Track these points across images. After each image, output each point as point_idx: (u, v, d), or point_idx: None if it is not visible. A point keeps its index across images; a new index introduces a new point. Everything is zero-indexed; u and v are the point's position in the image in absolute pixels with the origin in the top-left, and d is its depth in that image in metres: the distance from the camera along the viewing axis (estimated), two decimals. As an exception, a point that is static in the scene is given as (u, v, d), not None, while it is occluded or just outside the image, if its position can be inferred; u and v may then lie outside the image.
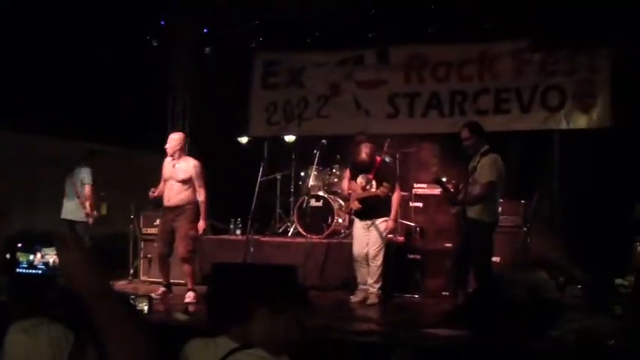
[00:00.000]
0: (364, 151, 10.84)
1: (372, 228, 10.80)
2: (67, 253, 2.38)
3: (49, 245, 2.74)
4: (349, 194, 11.20)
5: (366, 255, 10.82)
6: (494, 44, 13.87)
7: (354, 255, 10.99)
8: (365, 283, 10.86)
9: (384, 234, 10.85)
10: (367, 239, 10.83)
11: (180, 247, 11.03)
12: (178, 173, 11.04)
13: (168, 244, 11.18)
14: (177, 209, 11.05)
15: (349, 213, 11.44)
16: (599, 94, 13.26)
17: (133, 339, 2.37)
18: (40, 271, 2.83)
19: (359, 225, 10.98)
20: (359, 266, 10.88)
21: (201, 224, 11.06)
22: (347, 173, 11.54)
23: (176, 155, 11.09)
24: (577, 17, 12.49)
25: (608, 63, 13.21)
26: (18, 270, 2.95)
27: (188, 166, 11.09)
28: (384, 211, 10.87)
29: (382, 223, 10.81)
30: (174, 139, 11.18)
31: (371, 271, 10.77)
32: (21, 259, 2.88)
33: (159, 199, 11.44)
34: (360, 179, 10.98)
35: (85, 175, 12.33)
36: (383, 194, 10.58)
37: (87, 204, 12.46)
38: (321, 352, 3.46)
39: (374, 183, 10.79)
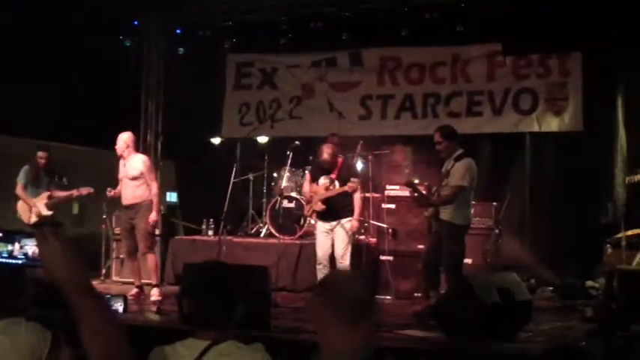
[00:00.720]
0: (326, 152, 10.81)
1: (337, 229, 10.75)
2: (47, 244, 2.36)
3: (29, 236, 2.76)
4: (311, 197, 11.16)
5: (331, 257, 10.78)
6: (466, 47, 13.93)
7: (318, 258, 10.88)
8: None
9: (350, 233, 10.85)
10: (331, 241, 10.79)
11: (141, 244, 11.06)
12: (129, 171, 11.07)
13: (133, 242, 11.20)
14: (134, 207, 11.09)
15: (311, 215, 11.39)
16: (570, 97, 13.34)
17: (110, 333, 2.37)
18: (19, 261, 2.84)
19: (322, 228, 10.93)
20: (322, 269, 10.82)
21: (153, 217, 11.01)
22: (308, 176, 11.50)
23: (125, 154, 11.12)
24: (548, 21, 12.56)
25: (580, 66, 13.30)
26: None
27: (137, 162, 11.13)
28: (348, 212, 10.83)
29: (347, 222, 10.76)
30: (121, 139, 11.19)
31: None
32: (0, 249, 2.89)
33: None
34: (323, 180, 10.94)
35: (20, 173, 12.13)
36: (352, 189, 10.53)
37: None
38: (291, 354, 3.49)
39: (337, 183, 10.79)
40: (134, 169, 11.03)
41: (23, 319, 4.32)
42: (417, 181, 10.67)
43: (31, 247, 2.76)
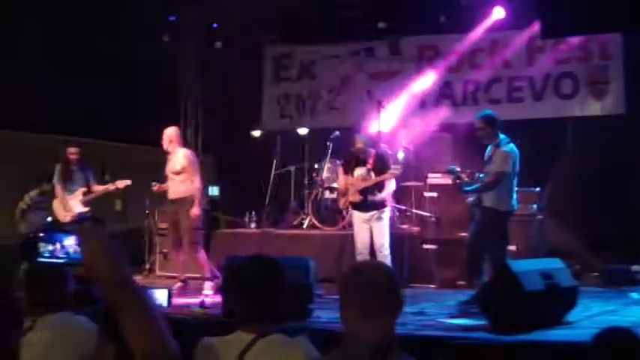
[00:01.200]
0: (360, 141, 10.87)
1: (375, 219, 10.78)
2: (88, 242, 2.39)
3: (69, 234, 2.76)
4: (346, 189, 11.13)
5: (371, 247, 10.79)
6: (505, 32, 13.83)
7: (357, 248, 10.92)
8: None
9: (388, 223, 10.89)
10: (369, 231, 10.79)
11: (184, 239, 11.08)
12: (174, 165, 11.13)
13: (177, 234, 11.24)
14: (178, 202, 11.15)
15: (346, 208, 11.37)
16: (612, 80, 13.22)
17: (153, 328, 2.37)
18: (61, 260, 2.86)
19: (360, 218, 10.93)
20: (363, 259, 10.81)
21: (195, 211, 10.99)
22: (340, 169, 11.49)
23: (170, 148, 11.15)
24: (588, 2, 12.44)
25: (621, 49, 13.17)
26: (40, 259, 2.98)
27: (180, 156, 11.16)
28: (384, 203, 10.90)
29: (385, 213, 10.82)
30: (165, 133, 11.26)
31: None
32: (42, 249, 2.90)
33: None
34: (359, 171, 10.93)
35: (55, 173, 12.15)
36: (395, 176, 10.60)
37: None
38: (335, 344, 3.47)
39: (372, 174, 10.77)
40: (177, 164, 11.08)
41: (71, 314, 4.36)
42: (458, 169, 10.60)
43: (71, 245, 2.77)
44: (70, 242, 2.73)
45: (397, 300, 3.10)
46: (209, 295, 10.47)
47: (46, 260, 2.86)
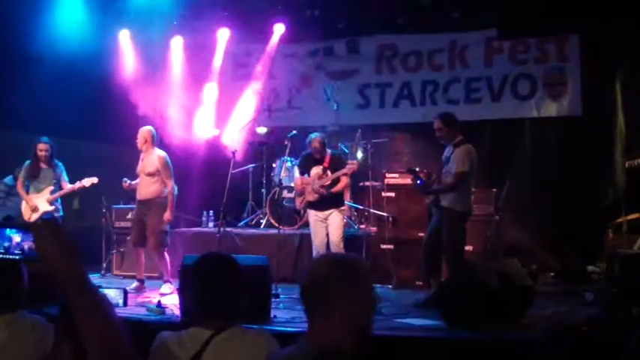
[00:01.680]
0: (317, 141, 10.92)
1: (331, 217, 10.83)
2: (42, 238, 2.34)
3: (25, 230, 2.73)
4: (302, 189, 11.17)
5: (328, 246, 10.84)
6: (463, 33, 13.90)
7: (315, 248, 11.00)
8: None
9: (344, 221, 11.00)
10: (326, 230, 10.87)
11: (150, 241, 11.00)
12: (146, 166, 11.04)
13: (140, 234, 11.16)
14: (147, 203, 11.06)
15: (303, 207, 11.41)
16: (569, 82, 13.33)
17: (108, 328, 2.34)
18: (16, 257, 2.82)
19: (316, 217, 10.99)
20: None
21: (167, 215, 10.98)
22: (296, 169, 11.54)
23: (144, 148, 11.07)
24: (545, 4, 12.53)
25: (578, 50, 13.27)
26: None
27: (154, 158, 11.07)
28: (340, 201, 11.02)
29: (341, 211, 10.92)
30: (140, 133, 11.18)
31: None
32: None
33: (130, 193, 11.45)
34: (315, 170, 10.98)
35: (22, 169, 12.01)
36: (351, 171, 10.68)
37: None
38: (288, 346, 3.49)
39: (329, 172, 10.82)
40: (150, 165, 11.01)
41: (27, 313, 4.32)
42: (417, 169, 10.64)
43: (27, 242, 2.73)
44: (27, 238, 2.70)
45: (343, 298, 2.97)
46: (166, 294, 10.44)
47: (1, 257, 2.82)
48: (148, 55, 14.61)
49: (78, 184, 11.58)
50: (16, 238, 2.82)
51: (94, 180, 11.54)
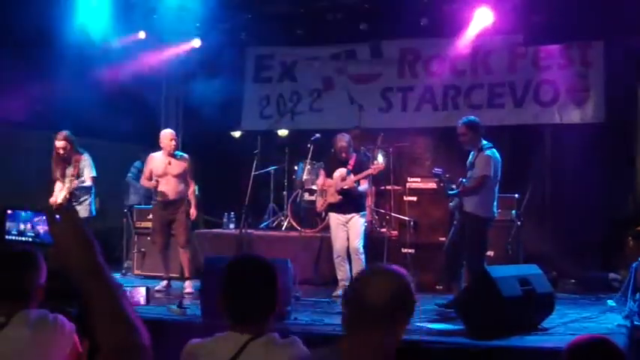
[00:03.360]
0: (343, 140, 10.98)
1: (352, 221, 10.85)
2: (57, 224, 2.30)
3: (40, 215, 2.74)
4: (324, 190, 11.19)
5: (348, 250, 10.86)
6: (487, 38, 13.83)
7: (335, 251, 11.01)
8: (346, 279, 10.80)
9: (365, 226, 11.06)
10: (347, 233, 10.88)
11: (182, 238, 11.22)
12: (174, 168, 11.13)
13: (167, 237, 11.34)
14: (175, 203, 11.19)
15: (324, 210, 11.41)
16: (592, 88, 13.26)
17: (123, 320, 2.28)
18: (29, 239, 2.83)
19: (337, 220, 11.00)
20: (341, 262, 10.86)
21: (194, 212, 11.27)
22: (321, 171, 11.56)
23: (171, 151, 11.13)
24: (569, 11, 12.48)
25: (601, 57, 13.21)
26: (7, 237, 2.92)
27: (182, 160, 11.24)
28: (362, 206, 11.08)
29: (362, 216, 10.97)
30: (169, 135, 11.27)
31: (358, 265, 10.70)
32: (10, 227, 2.87)
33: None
34: (339, 172, 11.00)
35: None
36: (377, 170, 10.73)
37: None
38: (310, 346, 3.50)
39: (352, 175, 10.83)
40: (179, 167, 11.18)
41: (48, 312, 4.30)
42: (440, 171, 10.61)
43: (41, 225, 2.74)
44: (40, 222, 2.71)
45: (395, 323, 3.04)
46: (190, 293, 10.52)
47: (13, 238, 2.83)
48: (169, 56, 14.72)
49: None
50: (35, 221, 2.84)
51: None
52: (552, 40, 13.46)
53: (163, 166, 11.19)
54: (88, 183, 11.17)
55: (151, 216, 12.18)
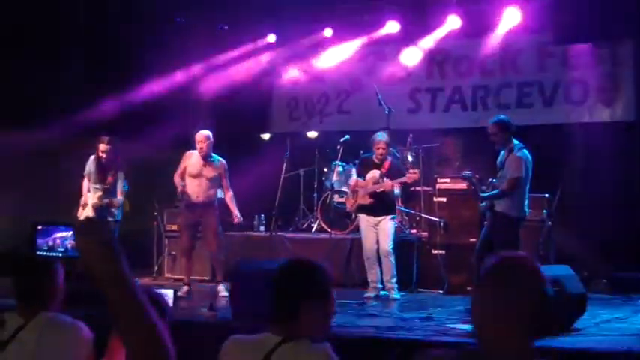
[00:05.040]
0: (382, 146, 10.91)
1: (382, 224, 10.85)
2: (84, 238, 2.30)
3: (68, 229, 2.77)
4: (355, 191, 11.18)
5: (378, 252, 10.85)
6: (516, 38, 13.77)
7: (365, 253, 11.01)
8: (377, 281, 10.85)
9: (395, 229, 11.04)
10: (376, 236, 10.87)
11: (214, 243, 11.20)
12: (209, 171, 11.17)
13: (193, 237, 11.34)
14: (205, 205, 11.20)
15: (355, 211, 11.40)
16: (622, 87, 13.17)
17: (149, 333, 2.30)
18: (59, 254, 2.86)
19: (367, 222, 11.00)
20: (372, 264, 10.86)
21: (237, 214, 11.40)
22: (354, 171, 11.60)
23: (207, 153, 11.17)
24: (599, 9, 12.42)
25: (631, 55, 13.13)
26: (38, 252, 2.96)
27: (219, 164, 11.27)
28: (392, 208, 11.08)
29: (392, 218, 10.98)
30: (205, 137, 11.24)
31: (389, 267, 10.71)
32: (41, 243, 2.92)
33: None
34: (372, 174, 10.99)
35: None
36: (412, 180, 10.73)
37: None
38: (342, 348, 3.52)
39: (385, 179, 10.82)
40: (214, 171, 11.22)
41: (68, 317, 4.33)
42: (470, 174, 10.58)
43: (70, 240, 2.78)
44: (68, 237, 2.75)
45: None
46: (226, 295, 10.50)
47: (44, 254, 2.86)
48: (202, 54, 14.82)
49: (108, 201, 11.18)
50: (63, 236, 2.87)
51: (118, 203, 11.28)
52: (582, 39, 13.38)
53: (199, 167, 11.20)
54: (120, 198, 11.17)
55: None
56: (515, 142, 9.80)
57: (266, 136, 15.55)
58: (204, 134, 11.32)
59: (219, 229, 11.28)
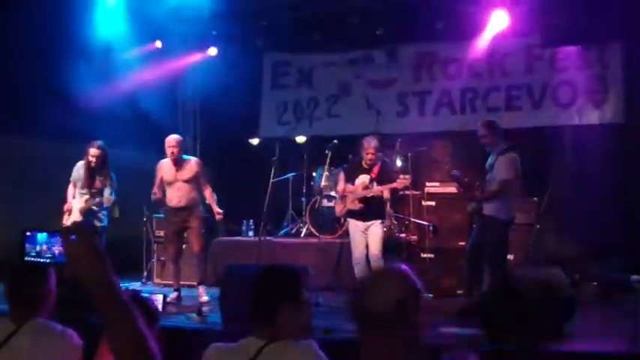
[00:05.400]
0: (372, 150, 10.84)
1: (371, 229, 10.79)
2: (72, 243, 2.31)
3: (56, 236, 2.77)
4: (344, 196, 11.13)
5: (367, 257, 10.79)
6: (503, 40, 13.77)
7: (354, 258, 10.95)
8: None
9: (384, 233, 10.93)
10: (365, 241, 10.82)
11: (196, 245, 11.12)
12: (184, 174, 11.06)
13: (179, 245, 11.34)
14: (188, 209, 11.11)
15: (344, 215, 11.36)
16: (611, 89, 13.18)
17: (135, 340, 2.30)
18: (47, 260, 2.86)
19: (357, 227, 10.94)
20: (361, 269, 10.80)
21: (219, 212, 11.25)
22: (342, 175, 11.46)
23: (177, 156, 11.08)
24: (587, 12, 12.43)
25: (620, 58, 13.14)
26: (27, 258, 2.96)
27: (192, 165, 11.16)
28: (382, 213, 10.96)
29: (381, 223, 10.88)
30: (176, 141, 11.14)
31: None
32: (29, 248, 2.92)
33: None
34: (362, 179, 10.94)
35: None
36: (402, 185, 10.68)
37: None
38: (330, 353, 3.54)
39: (375, 184, 10.78)
40: (189, 172, 11.07)
41: (51, 322, 4.33)
42: (457, 173, 10.57)
43: (57, 247, 2.78)
44: (56, 243, 2.74)
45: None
46: (206, 300, 10.48)
47: (32, 260, 2.85)
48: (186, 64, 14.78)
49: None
50: (50, 242, 2.88)
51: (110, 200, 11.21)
52: (570, 42, 13.40)
53: (172, 173, 11.11)
54: (106, 204, 11.10)
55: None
56: (505, 144, 9.80)
57: (255, 141, 15.50)
58: (174, 138, 11.20)
59: (201, 231, 11.20)
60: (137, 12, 13.41)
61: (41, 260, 3.05)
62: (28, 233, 7.22)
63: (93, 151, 11.06)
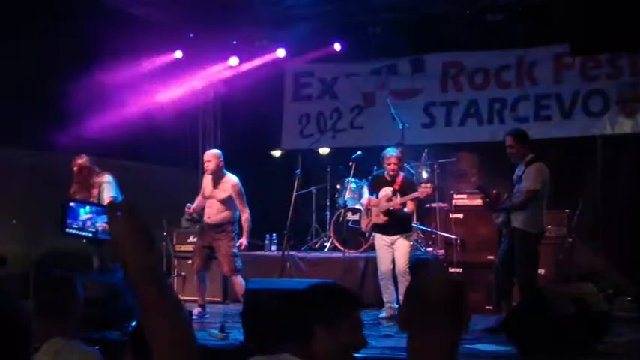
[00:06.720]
0: (393, 162, 10.68)
1: (397, 243, 10.63)
2: (119, 221, 2.21)
3: (102, 210, 2.65)
4: (368, 210, 10.95)
5: (393, 271, 10.62)
6: (532, 49, 13.57)
7: (380, 272, 10.80)
8: (393, 301, 10.61)
9: (411, 247, 10.78)
10: (392, 255, 10.63)
11: (225, 265, 10.94)
12: (219, 193, 10.92)
13: (206, 259, 11.15)
14: (217, 227, 10.96)
15: (369, 230, 11.17)
16: (643, 97, 12.95)
17: (176, 323, 2.18)
18: (89, 234, 2.73)
19: (383, 241, 10.78)
20: (387, 283, 10.66)
21: (243, 241, 11.00)
22: (365, 189, 11.40)
23: (215, 173, 10.91)
24: (618, 19, 12.18)
25: (653, 66, 12.91)
26: (68, 230, 2.86)
27: (227, 185, 10.95)
28: (408, 226, 10.87)
29: (408, 237, 10.74)
30: (212, 156, 11.01)
31: (405, 287, 10.46)
32: (71, 221, 2.79)
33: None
34: (384, 192, 10.77)
35: None
36: (424, 195, 10.50)
37: None
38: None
39: (399, 196, 10.57)
40: (223, 192, 10.92)
41: (78, 343, 4.20)
42: (482, 184, 10.38)
43: (101, 223, 2.62)
44: (100, 219, 2.64)
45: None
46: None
47: (73, 232, 2.78)
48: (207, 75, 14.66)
49: None
50: (95, 217, 2.75)
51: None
52: (601, 50, 13.13)
53: (210, 188, 11.02)
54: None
55: (191, 239, 12.05)
56: (532, 155, 9.60)
57: (277, 154, 15.33)
58: (210, 153, 11.17)
59: (231, 252, 10.90)
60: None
61: (82, 234, 2.93)
62: (72, 204, 7.03)
63: (78, 161, 10.77)
